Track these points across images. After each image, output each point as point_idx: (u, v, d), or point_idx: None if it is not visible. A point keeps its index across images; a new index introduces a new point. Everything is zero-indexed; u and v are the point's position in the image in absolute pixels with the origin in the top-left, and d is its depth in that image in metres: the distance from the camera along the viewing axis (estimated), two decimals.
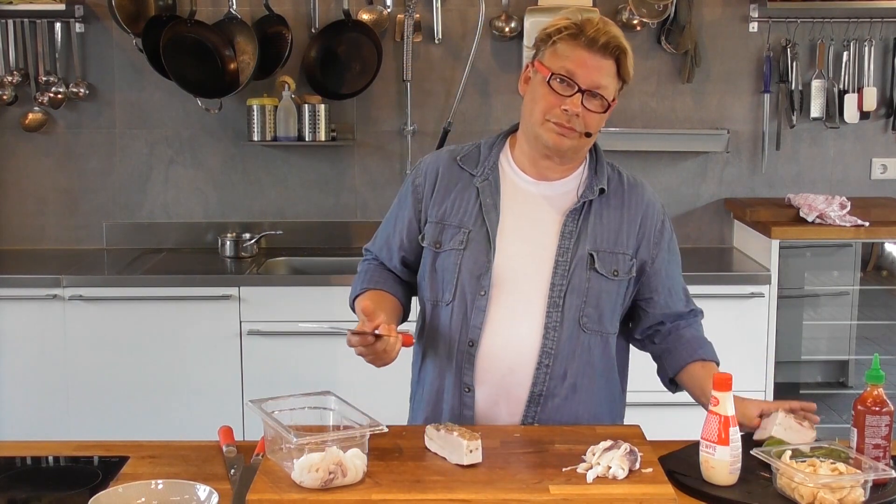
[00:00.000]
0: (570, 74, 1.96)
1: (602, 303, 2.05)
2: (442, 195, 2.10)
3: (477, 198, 2.07)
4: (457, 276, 2.05)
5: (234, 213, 4.12)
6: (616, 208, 2.08)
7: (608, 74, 1.98)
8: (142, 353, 3.53)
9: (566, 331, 2.03)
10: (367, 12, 3.96)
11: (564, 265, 2.03)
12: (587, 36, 1.94)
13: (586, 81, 1.96)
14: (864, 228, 3.61)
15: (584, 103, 1.97)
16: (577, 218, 2.05)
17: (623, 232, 2.07)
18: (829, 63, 4.02)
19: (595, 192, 2.07)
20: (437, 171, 2.12)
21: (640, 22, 3.94)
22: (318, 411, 1.95)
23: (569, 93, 1.96)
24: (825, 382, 4.05)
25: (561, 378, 2.04)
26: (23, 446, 2.04)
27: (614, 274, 2.05)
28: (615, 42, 1.96)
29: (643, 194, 2.12)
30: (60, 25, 3.96)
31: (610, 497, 1.69)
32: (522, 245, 2.05)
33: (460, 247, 2.05)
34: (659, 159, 4.10)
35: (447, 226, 2.08)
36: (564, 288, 2.02)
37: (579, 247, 2.04)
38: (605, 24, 1.97)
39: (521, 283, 2.04)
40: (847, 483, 1.67)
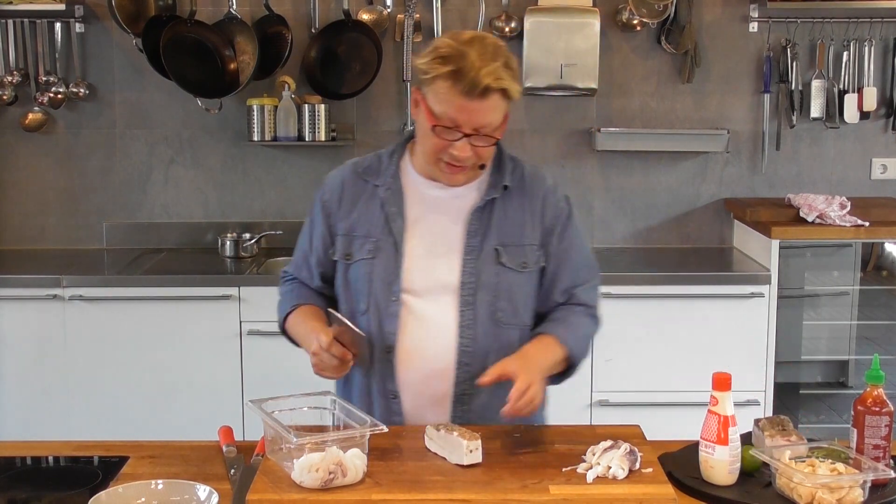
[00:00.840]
0: (452, 123, 1.92)
1: (515, 296, 2.07)
2: (348, 208, 2.11)
3: (381, 207, 2.09)
4: (368, 285, 2.07)
5: (234, 213, 4.12)
6: (519, 202, 2.09)
7: (492, 110, 1.93)
8: (142, 353, 3.53)
9: (481, 327, 2.05)
10: (367, 12, 3.96)
11: (472, 263, 2.05)
12: (465, 83, 1.87)
13: (469, 127, 1.93)
14: (864, 228, 3.61)
15: (473, 143, 1.95)
16: (481, 215, 2.06)
17: (528, 224, 2.08)
18: (829, 63, 4.02)
19: (499, 189, 2.07)
20: (341, 185, 2.13)
21: (640, 22, 3.94)
22: (318, 411, 1.95)
23: (454, 137, 1.94)
24: (825, 382, 4.05)
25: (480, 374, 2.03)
26: (23, 446, 2.04)
27: (523, 266, 2.07)
28: (495, 85, 1.89)
29: (543, 183, 2.12)
30: (60, 25, 3.96)
31: (610, 497, 1.69)
32: (430, 248, 2.07)
33: (369, 256, 2.07)
34: (659, 159, 4.10)
35: (355, 237, 2.10)
36: (475, 285, 2.04)
37: (486, 243, 2.05)
38: (483, 62, 1.88)
39: (432, 285, 2.06)
40: (845, 483, 1.67)
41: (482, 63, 1.88)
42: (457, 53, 1.89)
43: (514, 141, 4.05)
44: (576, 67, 3.75)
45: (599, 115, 4.06)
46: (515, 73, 1.95)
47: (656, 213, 4.14)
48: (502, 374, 1.90)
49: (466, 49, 1.89)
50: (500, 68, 1.90)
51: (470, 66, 1.87)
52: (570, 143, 4.08)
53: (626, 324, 3.53)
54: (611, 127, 4.02)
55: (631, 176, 4.11)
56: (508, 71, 1.92)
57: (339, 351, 1.95)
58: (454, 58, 1.89)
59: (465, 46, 1.90)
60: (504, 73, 1.90)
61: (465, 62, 1.88)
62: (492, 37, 1.99)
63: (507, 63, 1.92)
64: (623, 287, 3.52)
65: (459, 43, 1.91)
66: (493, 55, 1.90)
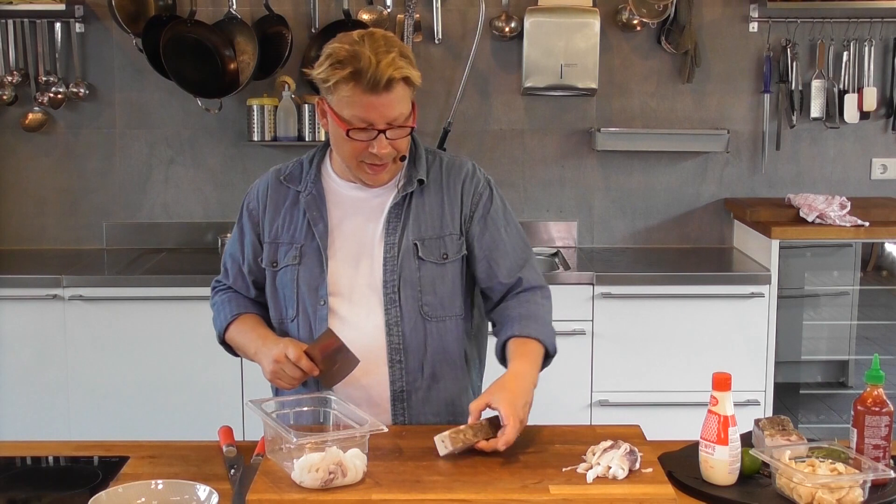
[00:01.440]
0: (363, 123, 1.93)
1: (439, 288, 2.08)
2: (272, 215, 2.14)
3: (304, 213, 2.10)
4: (295, 291, 2.09)
5: (234, 213, 4.08)
6: (437, 193, 2.10)
7: (400, 101, 1.94)
8: (142, 353, 3.53)
9: (408, 323, 2.06)
10: (367, 12, 3.96)
11: (392, 260, 2.06)
12: (367, 80, 1.88)
13: (382, 122, 1.93)
14: (864, 228, 3.61)
15: (389, 137, 1.96)
16: (399, 212, 2.08)
17: (446, 214, 2.09)
18: (829, 63, 4.02)
19: (414, 183, 2.08)
20: (266, 192, 2.17)
21: (640, 22, 3.94)
22: (318, 411, 1.95)
23: (370, 136, 1.95)
24: (825, 382, 4.05)
25: (418, 371, 2.07)
26: (23, 446, 2.04)
27: (444, 258, 2.08)
28: (397, 75, 1.90)
29: (461, 170, 2.12)
30: (60, 25, 3.96)
31: (610, 497, 1.69)
32: (353, 249, 2.08)
33: (294, 262, 2.09)
34: (659, 159, 4.10)
35: (280, 244, 2.12)
36: (397, 282, 2.05)
37: (404, 238, 2.06)
38: (379, 56, 1.88)
39: (358, 286, 2.07)
40: (845, 483, 1.67)
41: (378, 57, 1.88)
42: (351, 54, 1.89)
43: (514, 141, 4.06)
44: (576, 67, 3.75)
45: (599, 115, 4.06)
46: (411, 59, 1.95)
47: (656, 213, 4.14)
48: (487, 406, 1.88)
49: (359, 48, 1.89)
50: (397, 58, 1.90)
51: (367, 63, 1.88)
52: (570, 143, 4.09)
53: (626, 324, 3.53)
54: (611, 127, 4.02)
55: (631, 176, 4.11)
56: (404, 59, 1.92)
57: (307, 365, 1.95)
58: (350, 59, 1.89)
59: (356, 46, 1.90)
60: (401, 61, 1.91)
61: (362, 60, 1.88)
62: (380, 30, 1.99)
63: (402, 52, 1.93)
64: (623, 287, 3.52)
65: (350, 44, 1.91)
66: (386, 47, 1.91)
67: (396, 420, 2.07)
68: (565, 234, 4.12)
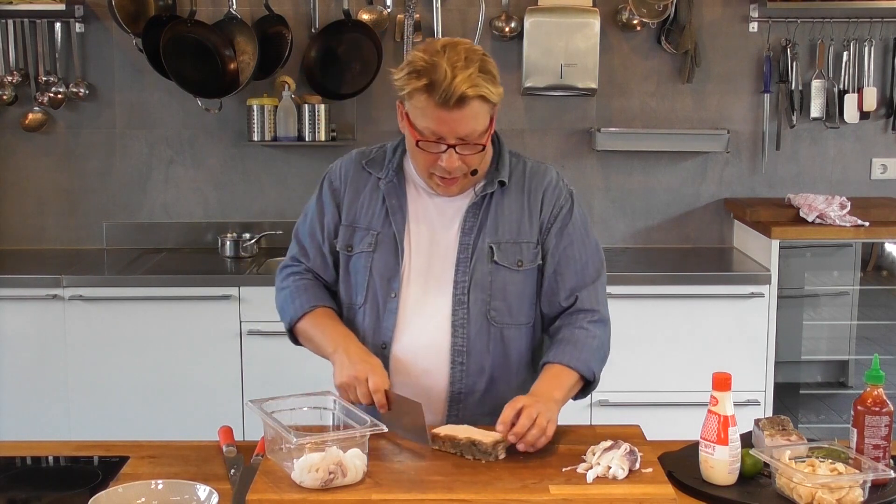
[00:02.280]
0: (434, 136, 1.91)
1: (509, 295, 2.05)
2: (351, 198, 2.11)
3: (383, 200, 2.08)
4: (368, 278, 2.07)
5: (234, 213, 4.12)
6: (517, 197, 2.07)
7: (474, 118, 1.90)
8: (142, 353, 3.53)
9: (474, 326, 2.04)
10: (367, 12, 3.96)
11: (466, 261, 2.04)
12: (440, 94, 1.85)
13: (453, 137, 1.90)
14: (864, 228, 3.61)
15: (459, 152, 1.92)
16: (477, 212, 2.05)
17: (525, 220, 2.06)
18: (829, 63, 4.02)
19: (494, 184, 2.05)
20: (348, 174, 2.12)
21: (640, 22, 3.94)
22: (318, 411, 1.96)
23: (440, 150, 1.93)
24: (825, 382, 4.05)
25: (478, 374, 2.06)
26: (23, 446, 2.04)
27: (518, 264, 2.05)
28: (471, 93, 1.86)
29: (545, 178, 2.09)
30: (60, 25, 3.96)
31: (610, 497, 1.69)
32: (428, 245, 2.06)
33: (369, 249, 2.07)
34: (659, 159, 4.10)
35: (357, 228, 2.09)
36: (468, 284, 2.03)
37: (479, 240, 2.04)
38: (456, 71, 1.85)
39: (429, 282, 2.05)
40: (845, 483, 1.67)
41: (455, 71, 1.85)
42: (429, 65, 1.87)
43: (514, 141, 4.05)
44: (576, 67, 3.75)
45: (599, 115, 4.06)
46: (493, 76, 1.91)
47: (656, 213, 4.14)
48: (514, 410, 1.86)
49: (438, 60, 1.86)
50: (475, 74, 1.87)
51: (443, 77, 1.85)
52: (570, 143, 4.09)
53: (626, 324, 3.51)
54: (611, 127, 4.02)
55: (631, 176, 4.11)
56: (484, 75, 1.89)
57: (380, 399, 1.92)
58: (427, 70, 1.87)
59: (436, 57, 1.87)
60: (480, 78, 1.87)
61: (438, 73, 1.85)
62: (465, 42, 1.94)
63: (483, 66, 1.89)
64: (623, 287, 3.52)
65: (431, 54, 1.88)
66: (466, 62, 1.87)
67: (449, 419, 2.05)
68: None
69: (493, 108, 1.94)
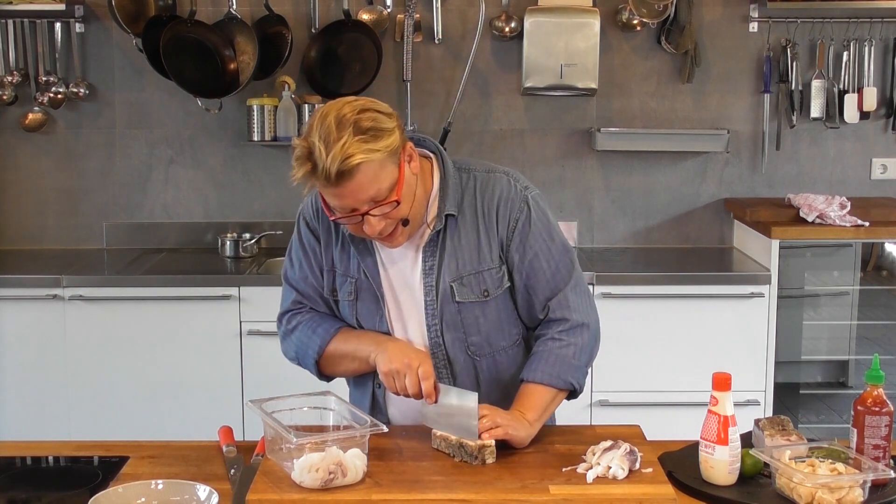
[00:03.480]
0: (342, 212, 1.84)
1: (483, 327, 2.00)
2: (326, 240, 2.05)
3: (350, 245, 2.01)
4: (356, 325, 2.04)
5: (234, 213, 4.12)
6: (472, 220, 1.98)
7: (368, 182, 1.78)
8: (142, 353, 3.53)
9: (457, 365, 2.01)
10: (367, 12, 3.96)
11: (432, 304, 1.98)
12: (322, 175, 1.77)
13: (359, 207, 1.82)
14: (864, 228, 3.61)
15: (374, 214, 1.82)
16: (434, 250, 1.98)
17: (484, 244, 1.98)
18: (829, 63, 4.02)
19: (443, 219, 1.96)
20: (318, 213, 2.04)
21: (640, 22, 3.94)
22: (318, 411, 1.95)
23: (355, 221, 1.85)
24: (825, 382, 4.05)
25: None
26: (23, 446, 2.04)
27: (485, 295, 1.98)
28: (346, 167, 1.75)
29: (495, 192, 1.98)
30: (60, 25, 3.96)
31: (610, 497, 1.69)
32: (401, 287, 2.01)
33: (350, 297, 2.03)
34: (659, 159, 4.10)
35: (336, 273, 2.04)
36: (439, 326, 1.99)
37: (440, 280, 1.97)
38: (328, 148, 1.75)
39: (408, 325, 2.02)
40: (845, 483, 1.67)
41: (328, 148, 1.75)
42: (307, 148, 1.79)
43: (514, 141, 4.06)
44: (576, 67, 3.75)
45: (599, 115, 4.06)
46: (376, 131, 1.77)
47: (656, 213, 4.13)
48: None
49: (312, 139, 1.78)
50: (349, 142, 1.75)
51: (319, 156, 1.76)
52: (570, 143, 4.08)
53: (626, 324, 3.52)
54: (611, 127, 4.02)
55: (631, 176, 4.11)
56: (362, 136, 1.76)
57: (428, 387, 1.89)
58: (306, 154, 1.79)
59: (311, 137, 1.78)
60: (354, 145, 1.75)
61: (315, 154, 1.77)
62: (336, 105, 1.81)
63: (358, 126, 1.77)
64: (623, 287, 3.52)
65: (306, 135, 1.80)
66: (338, 131, 1.76)
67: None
68: (565, 234, 4.09)
69: (396, 157, 1.82)
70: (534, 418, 1.92)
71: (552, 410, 1.99)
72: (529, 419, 1.91)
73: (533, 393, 1.95)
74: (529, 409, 1.93)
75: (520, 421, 1.89)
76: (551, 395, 1.97)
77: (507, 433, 1.85)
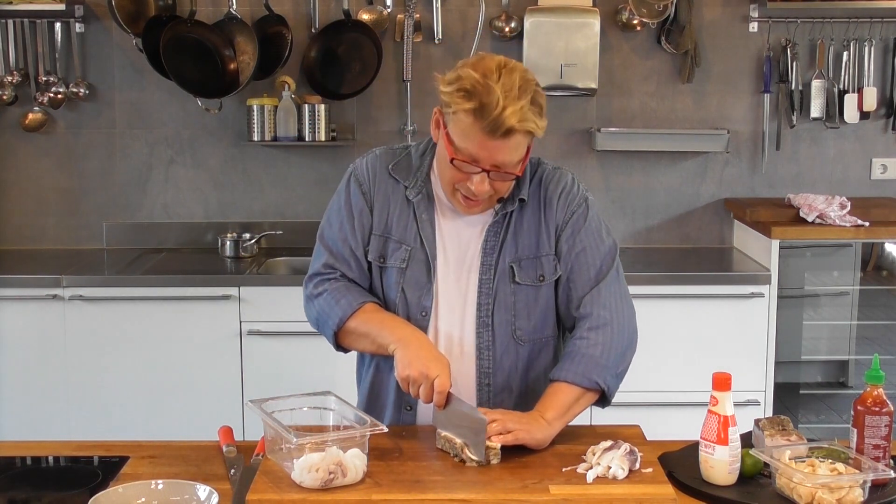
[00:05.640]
0: (470, 158, 1.85)
1: (533, 312, 2.02)
2: (381, 204, 2.03)
3: (412, 212, 2.02)
4: (399, 294, 2.02)
5: (234, 213, 4.12)
6: (535, 210, 2.02)
7: (514, 148, 1.85)
8: (142, 353, 3.53)
9: (500, 347, 2.01)
10: (367, 12, 3.96)
11: (488, 283, 2.00)
12: (488, 122, 1.78)
13: (489, 163, 1.85)
14: (864, 228, 3.61)
15: (491, 178, 1.88)
16: (498, 231, 2.01)
17: (543, 232, 2.02)
18: (829, 63, 4.02)
19: (515, 202, 2.01)
20: (375, 177, 2.04)
21: (640, 22, 3.94)
22: (318, 411, 1.95)
23: (473, 171, 1.87)
24: (825, 382, 4.05)
25: (505, 391, 2.03)
26: (23, 446, 2.04)
27: (540, 279, 2.01)
28: (518, 127, 1.80)
29: (559, 184, 2.04)
30: (60, 25, 3.96)
31: (610, 497, 1.69)
32: (454, 263, 2.02)
33: (402, 265, 2.01)
34: (659, 159, 4.10)
35: (389, 239, 2.03)
36: (491, 306, 2.00)
37: (500, 260, 1.99)
38: (509, 101, 1.78)
39: (455, 303, 2.01)
40: (845, 483, 1.67)
41: (507, 102, 1.78)
42: (482, 88, 1.79)
43: None
44: (576, 67, 3.75)
45: (599, 115, 4.06)
46: (541, 108, 1.85)
47: (656, 213, 4.14)
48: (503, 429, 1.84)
49: (492, 84, 1.79)
50: (527, 107, 1.80)
51: (494, 104, 1.77)
52: (570, 143, 4.08)
53: None
54: (611, 127, 4.02)
55: (631, 176, 4.11)
56: (535, 108, 1.83)
57: (439, 399, 1.86)
58: (478, 93, 1.79)
59: (490, 80, 1.79)
60: (530, 112, 1.81)
61: (490, 99, 1.78)
62: (519, 67, 1.85)
63: (534, 99, 1.83)
64: None
65: (485, 75, 1.80)
66: (520, 92, 1.80)
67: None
68: None
69: (532, 139, 1.90)
70: (553, 417, 1.90)
71: (577, 412, 1.96)
72: (548, 418, 1.89)
73: (556, 392, 1.94)
74: (550, 408, 1.91)
75: (535, 422, 1.88)
76: (575, 395, 1.94)
77: (518, 438, 1.83)
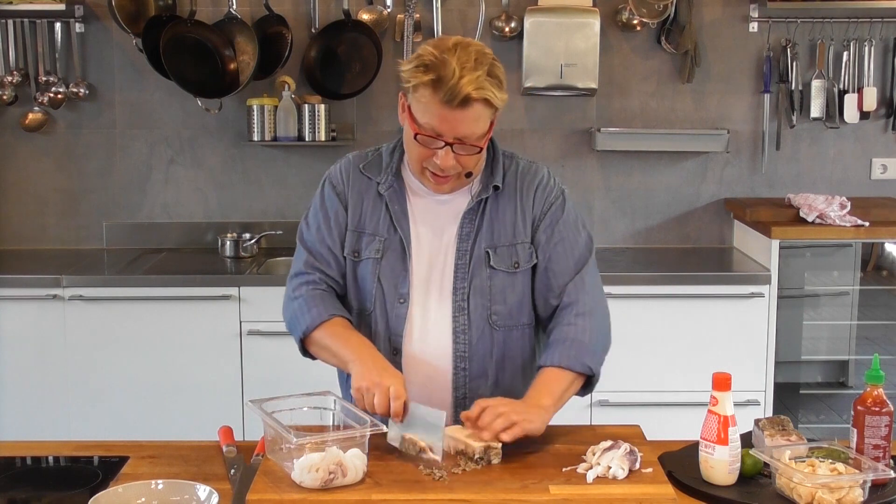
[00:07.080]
0: (433, 132, 1.90)
1: (509, 297, 2.06)
2: (355, 202, 2.10)
3: (385, 206, 2.07)
4: (376, 283, 2.06)
5: (234, 213, 4.12)
6: (510, 199, 2.07)
7: (475, 120, 1.90)
8: (142, 353, 3.53)
9: (476, 332, 2.04)
10: (367, 12, 3.96)
11: (464, 267, 2.04)
12: (445, 92, 1.84)
13: (451, 136, 1.90)
14: (864, 228, 3.61)
15: (455, 152, 1.92)
16: (473, 217, 2.05)
17: (519, 221, 2.06)
18: (829, 63, 4.02)
19: (489, 189, 2.05)
20: (348, 177, 2.11)
21: (640, 22, 3.94)
22: (318, 411, 1.95)
23: (436, 146, 1.92)
24: (825, 382, 4.05)
25: (481, 377, 2.06)
26: (23, 446, 2.04)
27: (515, 266, 2.05)
28: (476, 95, 1.85)
29: (536, 177, 2.09)
30: (60, 25, 3.96)
31: (610, 497, 1.69)
32: (429, 250, 2.06)
33: (377, 255, 2.06)
34: (659, 159, 4.10)
35: (363, 234, 2.08)
36: (467, 290, 2.04)
37: (476, 246, 2.04)
38: (465, 71, 1.84)
39: (432, 289, 2.05)
40: (845, 483, 1.67)
41: (463, 72, 1.84)
42: (438, 61, 1.86)
43: (514, 141, 4.05)
44: (576, 67, 3.75)
45: (599, 115, 4.06)
46: (501, 81, 1.91)
47: (656, 213, 4.14)
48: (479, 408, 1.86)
49: (448, 57, 1.86)
50: (483, 77, 1.86)
51: (451, 75, 1.84)
52: (570, 143, 4.09)
53: (626, 324, 3.51)
54: (611, 127, 4.02)
55: (631, 176, 4.11)
56: (492, 79, 1.88)
57: (397, 407, 1.86)
58: (435, 66, 1.86)
59: (447, 54, 1.86)
60: (487, 81, 1.87)
61: (446, 70, 1.84)
62: (476, 43, 1.93)
63: (491, 71, 1.88)
64: (623, 287, 3.52)
65: (442, 51, 1.87)
66: (475, 63, 1.86)
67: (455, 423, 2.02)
68: None
69: (495, 113, 1.94)
70: (549, 403, 1.93)
71: (568, 397, 2.00)
72: (544, 404, 1.92)
73: (549, 378, 1.97)
74: (546, 394, 1.94)
75: (533, 410, 1.89)
76: (569, 380, 1.99)
77: (524, 429, 1.85)
